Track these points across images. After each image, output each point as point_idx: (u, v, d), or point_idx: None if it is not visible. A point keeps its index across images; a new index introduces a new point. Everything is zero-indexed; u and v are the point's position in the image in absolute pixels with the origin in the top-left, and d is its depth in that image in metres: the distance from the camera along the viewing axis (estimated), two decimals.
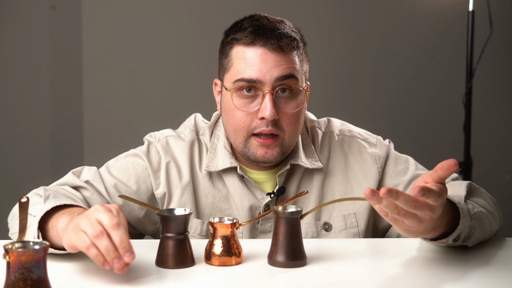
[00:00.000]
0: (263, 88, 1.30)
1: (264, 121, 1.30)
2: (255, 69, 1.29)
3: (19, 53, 3.09)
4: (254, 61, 1.30)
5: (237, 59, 1.32)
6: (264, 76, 1.29)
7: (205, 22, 3.14)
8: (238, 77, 1.31)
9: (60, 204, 1.15)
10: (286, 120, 1.32)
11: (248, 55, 1.31)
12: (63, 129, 3.17)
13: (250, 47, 1.31)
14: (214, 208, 1.40)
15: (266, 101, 1.29)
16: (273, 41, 1.29)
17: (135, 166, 1.41)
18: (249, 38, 1.31)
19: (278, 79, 1.29)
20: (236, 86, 1.31)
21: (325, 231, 1.40)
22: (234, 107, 1.32)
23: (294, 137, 1.35)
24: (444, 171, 1.00)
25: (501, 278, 1.05)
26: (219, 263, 1.10)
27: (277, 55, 1.30)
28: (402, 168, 1.44)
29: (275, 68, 1.29)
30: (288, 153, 1.37)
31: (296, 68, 1.32)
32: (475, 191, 1.29)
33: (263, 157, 1.33)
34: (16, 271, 0.87)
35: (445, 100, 3.26)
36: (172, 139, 1.44)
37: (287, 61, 1.31)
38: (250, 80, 1.30)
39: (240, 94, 1.32)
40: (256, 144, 1.32)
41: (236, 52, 1.33)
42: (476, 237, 1.18)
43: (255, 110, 1.31)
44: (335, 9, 3.23)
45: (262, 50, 1.30)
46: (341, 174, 1.43)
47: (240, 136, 1.34)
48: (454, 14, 3.10)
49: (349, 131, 1.48)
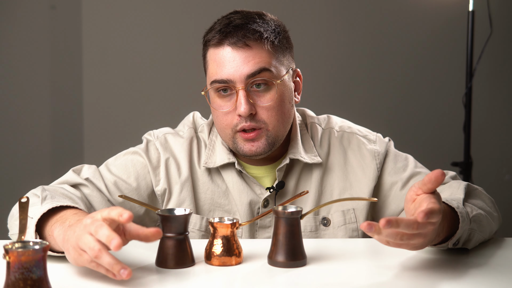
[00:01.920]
0: (236, 86, 1.32)
1: (242, 117, 1.32)
2: (225, 69, 1.32)
3: (19, 53, 3.09)
4: (222, 61, 1.32)
5: (210, 61, 1.36)
6: (234, 75, 1.31)
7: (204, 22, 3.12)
8: (212, 79, 1.34)
9: (57, 205, 1.15)
10: (265, 112, 1.33)
11: (217, 56, 1.33)
12: (63, 129, 3.17)
13: (218, 48, 1.34)
14: (213, 203, 1.41)
15: (240, 97, 1.31)
16: (238, 38, 1.32)
17: (134, 164, 1.42)
18: (216, 39, 1.34)
19: (248, 76, 1.31)
20: (213, 88, 1.35)
21: (323, 226, 1.41)
22: (215, 108, 1.35)
23: (281, 127, 1.36)
24: (433, 183, 1.02)
25: (501, 278, 1.05)
26: (219, 263, 1.10)
27: (244, 52, 1.32)
28: (401, 165, 1.44)
29: (244, 65, 1.31)
30: (278, 144, 1.37)
31: (267, 61, 1.32)
32: (473, 192, 1.29)
33: (250, 150, 1.34)
34: (16, 271, 0.87)
35: (445, 100, 3.26)
36: (170, 136, 1.45)
37: (256, 56, 1.32)
38: (222, 81, 1.32)
39: (218, 95, 1.35)
40: (241, 139, 1.34)
41: (209, 55, 1.36)
42: (475, 240, 1.19)
43: (233, 109, 1.33)
44: (335, 9, 3.23)
45: (229, 49, 1.32)
46: (340, 170, 1.43)
47: (227, 135, 1.36)
48: (454, 14, 3.10)
49: (349, 128, 1.49)
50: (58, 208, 1.15)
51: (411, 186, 1.07)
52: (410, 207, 1.06)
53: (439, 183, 1.02)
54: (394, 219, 0.94)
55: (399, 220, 0.95)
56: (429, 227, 0.99)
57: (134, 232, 1.00)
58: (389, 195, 1.43)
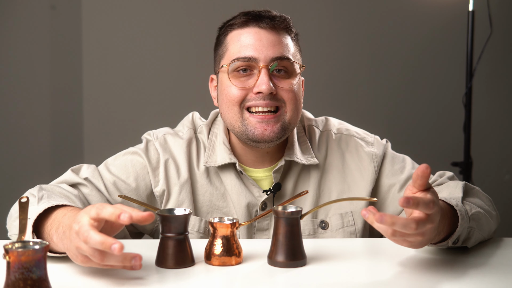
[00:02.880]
0: (258, 65, 1.32)
1: (261, 95, 1.32)
2: (250, 47, 1.33)
3: (19, 53, 3.09)
4: (248, 40, 1.34)
5: (232, 42, 1.36)
6: (259, 53, 1.32)
7: (204, 21, 3.14)
8: (234, 57, 1.34)
9: (52, 205, 1.14)
10: (286, 94, 1.34)
11: (242, 36, 1.35)
12: (63, 129, 3.17)
13: (244, 28, 1.35)
14: (211, 206, 1.41)
15: (262, 75, 1.32)
16: (266, 20, 1.34)
17: (134, 164, 1.42)
18: (242, 20, 1.35)
19: (273, 59, 1.33)
20: (233, 67, 1.34)
21: (322, 229, 1.41)
22: (231, 84, 1.34)
23: (295, 115, 1.36)
24: (421, 178, 1.01)
25: (501, 278, 1.05)
26: (219, 263, 1.10)
27: (270, 34, 1.34)
28: (398, 167, 1.44)
29: (270, 47, 1.33)
30: (288, 133, 1.37)
31: (290, 51, 1.36)
32: (471, 191, 1.30)
33: (262, 134, 1.33)
34: (16, 271, 0.87)
35: (445, 100, 3.26)
36: (170, 137, 1.45)
37: (281, 43, 1.34)
38: (246, 59, 1.33)
39: (236, 74, 1.35)
40: (254, 120, 1.33)
41: (231, 37, 1.37)
42: (475, 238, 1.19)
43: (251, 87, 1.33)
44: (335, 9, 3.23)
45: (256, 29, 1.34)
46: (338, 172, 1.43)
47: (235, 112, 1.35)
48: (454, 14, 3.10)
49: (347, 130, 1.49)
50: (54, 207, 1.15)
51: (406, 187, 1.07)
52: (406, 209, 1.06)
53: (426, 176, 1.01)
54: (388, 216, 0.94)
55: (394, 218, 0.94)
56: (426, 224, 0.99)
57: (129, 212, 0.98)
58: (387, 197, 1.43)
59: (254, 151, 1.41)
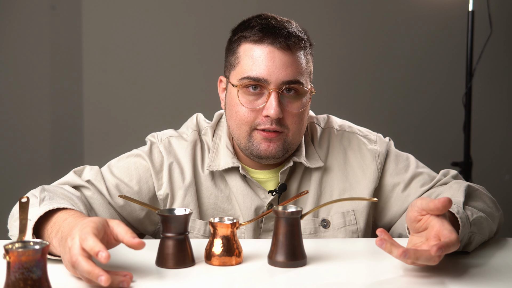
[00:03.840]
0: (269, 87, 1.30)
1: (269, 119, 1.31)
2: (262, 68, 1.30)
3: (19, 53, 3.09)
4: (261, 59, 1.31)
5: (244, 56, 1.33)
6: (271, 75, 1.30)
7: (206, 22, 3.14)
8: (245, 74, 1.32)
9: (54, 208, 1.14)
10: (291, 118, 1.33)
11: (255, 53, 1.31)
12: (63, 129, 3.17)
13: (258, 45, 1.32)
14: (216, 208, 1.40)
15: (272, 99, 1.30)
16: (281, 39, 1.30)
17: (137, 167, 1.41)
18: (257, 36, 1.31)
19: (284, 82, 1.31)
20: (243, 84, 1.32)
21: (323, 228, 1.40)
22: (240, 103, 1.33)
23: (298, 136, 1.36)
24: (441, 211, 1.02)
25: (501, 278, 1.05)
26: (219, 263, 1.10)
27: (284, 55, 1.31)
28: (402, 166, 1.44)
29: (282, 69, 1.30)
30: (291, 152, 1.37)
31: (302, 70, 1.33)
32: (473, 194, 1.29)
33: (266, 150, 1.33)
34: (16, 271, 0.87)
35: (445, 100, 3.26)
36: (174, 139, 1.44)
37: (294, 62, 1.31)
38: (257, 79, 1.31)
39: (246, 91, 1.33)
40: (259, 137, 1.33)
41: (244, 50, 1.33)
42: (476, 242, 1.19)
43: (260, 108, 1.32)
44: (336, 9, 3.23)
45: (270, 49, 1.31)
46: (340, 170, 1.43)
47: (244, 131, 1.34)
48: (454, 14, 3.10)
49: (349, 127, 1.48)
50: (55, 210, 1.15)
51: (413, 204, 1.06)
52: (415, 226, 1.06)
53: (446, 210, 1.03)
54: (412, 251, 0.96)
55: (417, 253, 0.97)
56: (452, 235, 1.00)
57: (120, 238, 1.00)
58: (391, 196, 1.43)
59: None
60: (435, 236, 1.01)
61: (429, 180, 1.42)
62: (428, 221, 1.03)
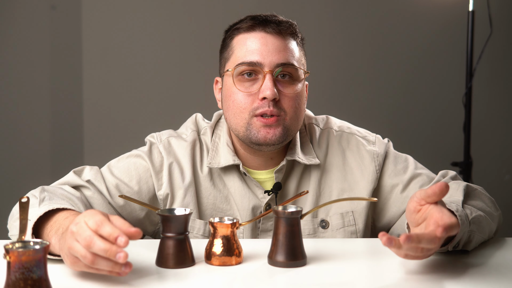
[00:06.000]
0: (263, 70, 1.32)
1: (266, 101, 1.32)
2: (256, 52, 1.33)
3: (19, 53, 3.09)
4: (254, 44, 1.34)
5: (237, 46, 1.36)
6: (264, 58, 1.33)
7: (205, 22, 3.14)
8: (240, 61, 1.34)
9: (53, 208, 1.14)
10: (287, 101, 1.34)
11: (248, 40, 1.35)
12: (63, 129, 3.17)
13: (250, 32, 1.35)
14: (215, 209, 1.41)
15: (267, 81, 1.32)
16: (272, 25, 1.35)
17: (137, 167, 1.41)
18: (249, 24, 1.36)
19: (278, 64, 1.33)
20: (238, 71, 1.34)
21: (322, 229, 1.40)
22: (237, 90, 1.34)
23: (295, 121, 1.36)
24: (438, 195, 1.03)
25: (501, 278, 1.05)
26: (219, 263, 1.10)
27: (276, 39, 1.34)
28: (401, 167, 1.44)
29: (275, 53, 1.33)
30: (290, 138, 1.37)
31: (295, 56, 1.36)
32: (472, 193, 1.29)
33: (265, 137, 1.33)
34: (16, 271, 0.87)
35: (445, 100, 3.26)
36: (174, 139, 1.44)
37: (286, 48, 1.35)
38: (251, 63, 1.33)
39: (241, 78, 1.35)
40: (259, 124, 1.33)
41: (237, 40, 1.37)
42: (475, 241, 1.19)
43: (256, 92, 1.33)
44: (335, 9, 3.23)
45: (262, 34, 1.34)
46: (338, 171, 1.43)
47: (242, 119, 1.35)
48: (454, 14, 3.10)
49: (348, 128, 1.48)
50: (55, 210, 1.15)
51: (412, 196, 1.07)
52: (415, 217, 1.06)
53: (443, 195, 1.03)
54: (414, 235, 0.95)
55: (420, 236, 0.96)
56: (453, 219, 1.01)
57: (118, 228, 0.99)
58: (390, 197, 1.43)
59: (257, 155, 1.40)
60: (435, 223, 1.01)
61: (428, 181, 1.42)
62: (428, 210, 1.04)
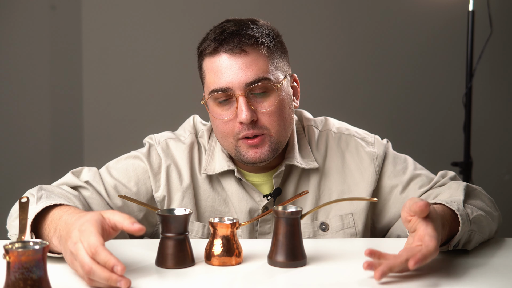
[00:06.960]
0: (235, 93, 1.30)
1: (244, 125, 1.31)
2: (223, 77, 1.30)
3: (19, 53, 3.09)
4: (220, 69, 1.31)
5: (207, 71, 1.34)
6: (232, 82, 1.30)
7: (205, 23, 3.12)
8: (211, 88, 1.33)
9: (51, 204, 1.14)
10: (267, 118, 1.32)
11: (214, 65, 1.32)
12: (63, 129, 3.17)
13: (214, 56, 1.32)
14: (213, 211, 1.41)
15: (240, 104, 1.30)
16: (234, 44, 1.30)
17: (135, 168, 1.41)
18: (212, 47, 1.32)
19: (247, 84, 1.30)
20: (212, 97, 1.33)
21: (322, 231, 1.40)
22: (215, 117, 1.34)
23: (283, 132, 1.35)
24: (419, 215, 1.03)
25: (501, 278, 1.05)
26: (219, 263, 1.10)
27: (241, 58, 1.30)
28: (400, 168, 1.44)
29: (242, 72, 1.30)
30: (281, 149, 1.36)
31: (266, 67, 1.32)
32: (472, 193, 1.29)
33: (254, 157, 1.33)
34: (16, 271, 0.87)
35: (445, 100, 3.26)
36: (172, 141, 1.44)
37: (253, 63, 1.31)
38: (221, 89, 1.31)
39: (216, 103, 1.33)
40: (245, 146, 1.33)
41: (206, 64, 1.35)
42: (475, 241, 1.19)
43: (235, 116, 1.31)
44: (335, 9, 3.23)
45: (226, 56, 1.31)
46: (338, 173, 1.42)
47: (229, 143, 1.34)
48: (454, 14, 3.10)
49: (347, 130, 1.48)
50: (52, 207, 1.15)
51: (404, 204, 1.07)
52: (407, 225, 1.07)
53: (424, 214, 1.02)
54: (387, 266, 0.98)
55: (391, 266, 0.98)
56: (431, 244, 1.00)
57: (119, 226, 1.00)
58: (390, 198, 1.42)
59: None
60: (419, 240, 1.02)
61: (427, 181, 1.41)
62: (417, 222, 1.04)
